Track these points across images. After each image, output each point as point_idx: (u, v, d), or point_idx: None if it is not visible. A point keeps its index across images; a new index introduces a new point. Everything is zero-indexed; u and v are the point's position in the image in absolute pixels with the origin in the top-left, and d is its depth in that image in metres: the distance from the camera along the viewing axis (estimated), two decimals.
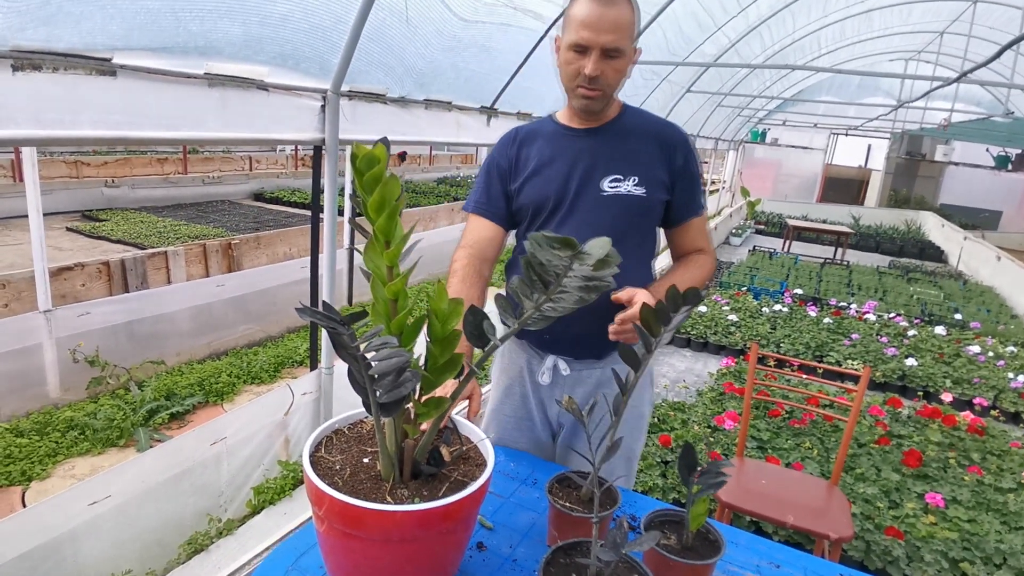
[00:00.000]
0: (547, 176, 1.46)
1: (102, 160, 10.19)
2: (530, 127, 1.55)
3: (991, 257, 8.82)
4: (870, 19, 7.73)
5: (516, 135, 1.54)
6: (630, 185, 1.43)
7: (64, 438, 3.25)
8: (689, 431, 3.31)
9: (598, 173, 1.44)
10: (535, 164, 1.48)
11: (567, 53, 1.35)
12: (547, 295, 0.80)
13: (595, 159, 1.45)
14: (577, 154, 1.46)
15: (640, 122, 1.50)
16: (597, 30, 1.29)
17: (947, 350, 5.23)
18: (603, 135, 1.47)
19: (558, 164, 1.46)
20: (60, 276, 4.60)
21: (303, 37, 2.15)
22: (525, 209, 1.49)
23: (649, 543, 0.87)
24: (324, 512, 0.93)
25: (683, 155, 1.48)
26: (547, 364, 1.53)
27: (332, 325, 0.80)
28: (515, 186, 1.50)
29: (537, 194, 1.46)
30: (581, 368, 1.53)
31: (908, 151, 16.10)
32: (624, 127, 1.48)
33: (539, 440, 1.61)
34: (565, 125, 1.51)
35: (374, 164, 0.83)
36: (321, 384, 2.80)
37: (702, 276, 1.51)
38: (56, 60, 1.55)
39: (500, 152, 1.54)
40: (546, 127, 1.53)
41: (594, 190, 1.44)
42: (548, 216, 1.46)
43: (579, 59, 1.34)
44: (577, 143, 1.47)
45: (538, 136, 1.52)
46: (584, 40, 1.31)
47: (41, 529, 1.88)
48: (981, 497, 2.91)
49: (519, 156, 1.51)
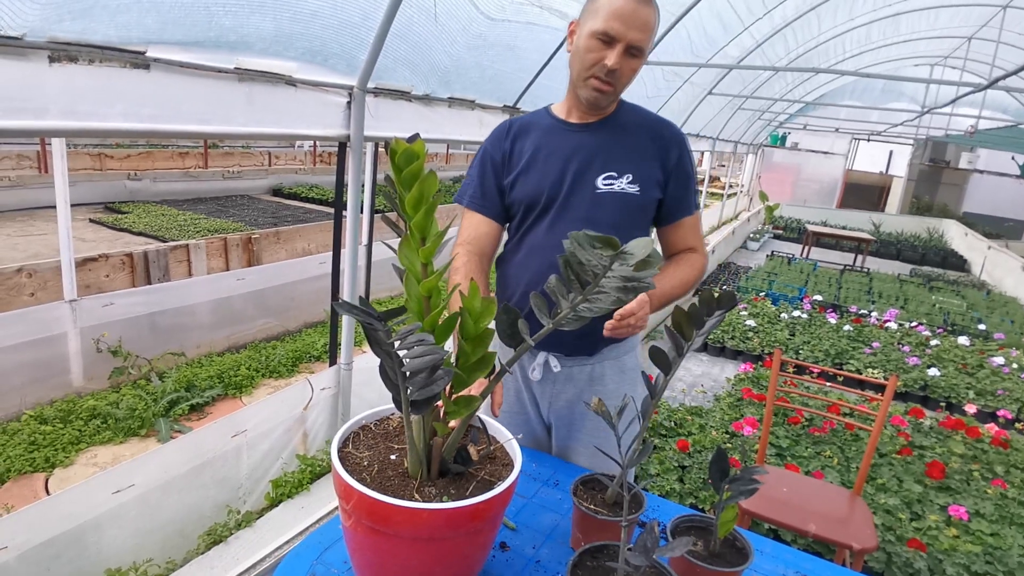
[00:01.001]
0: (541, 172, 1.44)
1: (125, 153, 10.34)
2: (524, 119, 1.52)
3: (1016, 267, 8.67)
4: (897, 23, 7.62)
5: (510, 127, 1.51)
6: (624, 183, 1.42)
7: (87, 426, 3.30)
8: (707, 436, 3.28)
9: (593, 170, 1.42)
10: (529, 158, 1.46)
11: (589, 40, 1.32)
12: (584, 295, 0.80)
13: (590, 155, 1.43)
14: (573, 150, 1.44)
15: (636, 119, 1.48)
16: (629, 24, 1.28)
17: (970, 361, 5.14)
18: (599, 131, 1.45)
19: (553, 160, 1.44)
20: (85, 267, 4.67)
21: (332, 33, 2.16)
22: (518, 204, 1.47)
23: (681, 549, 0.85)
24: (352, 508, 0.92)
25: (677, 153, 1.47)
26: (538, 360, 1.51)
27: (368, 320, 0.80)
28: (508, 180, 1.48)
29: (531, 190, 1.44)
30: (572, 364, 1.51)
31: (932, 158, 15.87)
32: (620, 123, 1.47)
33: (535, 434, 1.60)
34: (561, 119, 1.48)
35: (413, 160, 0.83)
36: (340, 380, 2.81)
37: (693, 276, 1.50)
38: (92, 52, 1.57)
39: (493, 145, 1.51)
40: (542, 120, 1.50)
41: (588, 187, 1.42)
42: (541, 212, 1.44)
43: (602, 49, 1.31)
44: (573, 138, 1.45)
45: (533, 129, 1.49)
46: (614, 31, 1.28)
47: (66, 516, 1.91)
48: (1005, 511, 2.85)
49: (513, 149, 1.48)
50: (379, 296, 6.06)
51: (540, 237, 1.44)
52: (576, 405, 1.53)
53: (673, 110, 6.05)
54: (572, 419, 1.55)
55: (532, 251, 1.45)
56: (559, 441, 1.59)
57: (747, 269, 8.66)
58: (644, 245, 0.71)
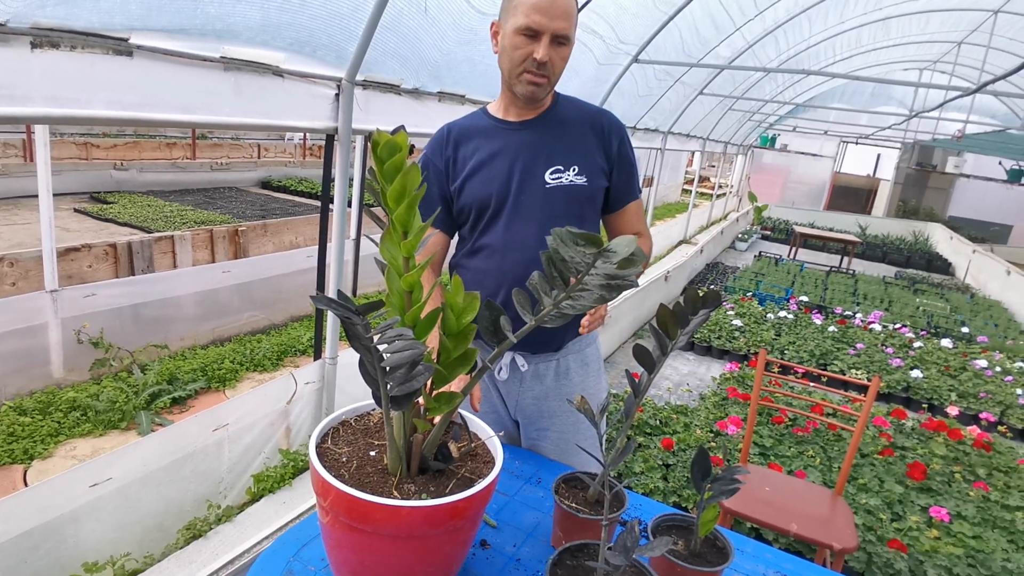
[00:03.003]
0: (488, 174, 1.43)
1: (111, 143, 10.20)
2: (462, 123, 1.51)
3: (1000, 271, 8.77)
4: (887, 27, 7.67)
5: (449, 133, 1.50)
6: (571, 175, 1.43)
7: (66, 418, 3.26)
8: (691, 435, 3.29)
9: (539, 165, 1.43)
10: (474, 163, 1.45)
11: (515, 38, 1.33)
12: (567, 292, 0.79)
13: (535, 152, 1.43)
14: (517, 148, 1.44)
15: (574, 111, 1.49)
16: (550, 15, 1.29)
17: (953, 363, 5.20)
18: (540, 126, 1.45)
19: (499, 160, 1.43)
20: (67, 257, 4.60)
21: (320, 24, 2.13)
22: (467, 209, 1.46)
23: (661, 549, 0.85)
24: (329, 504, 0.91)
25: (618, 141, 1.48)
26: (504, 360, 1.52)
27: (347, 315, 0.79)
28: (455, 186, 1.46)
29: (479, 192, 1.43)
30: (539, 362, 1.51)
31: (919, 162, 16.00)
32: (559, 116, 1.47)
33: (508, 432, 1.61)
34: (500, 119, 1.48)
35: (395, 152, 0.81)
36: (325, 374, 2.79)
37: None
38: (74, 38, 1.54)
39: (434, 152, 1.50)
40: (479, 122, 1.50)
41: (538, 183, 1.42)
42: (494, 214, 1.44)
43: (529, 44, 1.32)
44: (515, 136, 1.45)
45: (473, 133, 1.48)
46: (536, 24, 1.29)
47: (43, 508, 1.88)
48: (987, 514, 2.88)
49: (456, 156, 1.47)
50: (367, 291, 6.03)
51: (498, 238, 1.44)
52: (543, 402, 1.54)
53: (664, 110, 6.06)
54: (540, 416, 1.55)
55: (492, 253, 1.45)
56: (527, 439, 1.59)
57: (735, 269, 8.70)
58: (627, 243, 0.71)
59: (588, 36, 3.75)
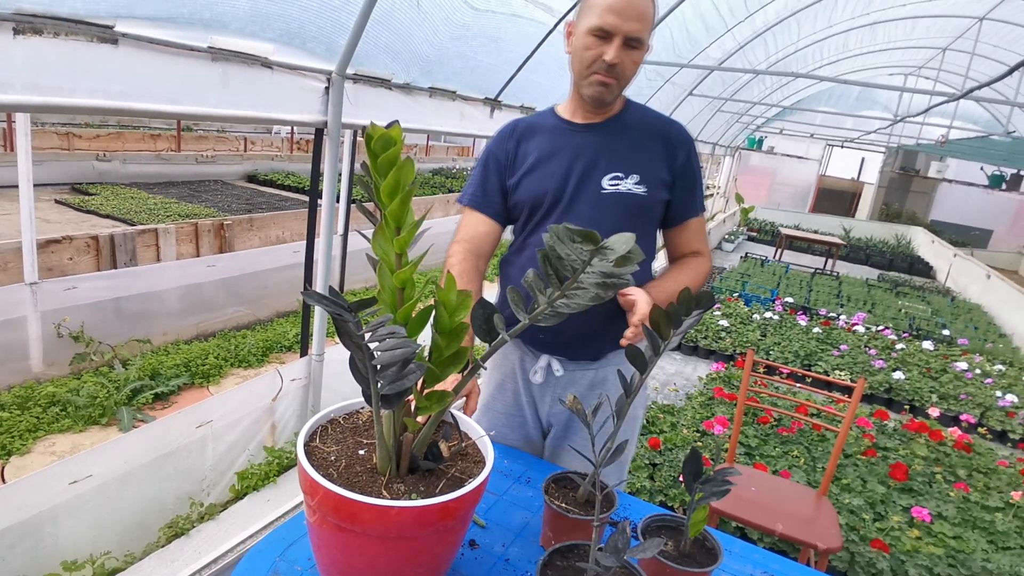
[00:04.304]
0: (545, 172, 1.42)
1: (94, 133, 10.04)
2: (529, 120, 1.51)
3: (980, 275, 8.89)
4: (874, 32, 7.75)
5: (515, 128, 1.50)
6: (630, 183, 1.40)
7: (45, 414, 3.20)
8: (678, 434, 3.30)
9: (598, 170, 1.40)
10: (533, 159, 1.44)
11: (586, 38, 1.31)
12: (562, 291, 0.78)
13: (596, 156, 1.41)
14: (578, 150, 1.42)
15: (643, 118, 1.47)
16: (624, 16, 1.26)
17: (935, 365, 5.27)
18: (605, 130, 1.43)
19: (557, 160, 1.42)
20: (47, 249, 4.52)
21: (311, 16, 2.11)
22: (522, 205, 1.45)
23: (652, 550, 0.84)
24: (317, 504, 0.90)
25: (685, 153, 1.45)
26: (540, 363, 1.50)
27: (338, 311, 0.77)
28: (512, 181, 1.46)
29: (534, 190, 1.43)
30: (575, 369, 1.50)
31: (902, 166, 16.21)
32: (627, 123, 1.45)
33: (529, 437, 1.59)
34: (566, 120, 1.46)
35: (389, 146, 0.80)
36: (311, 371, 2.76)
37: (697, 279, 1.48)
38: (58, 25, 1.51)
39: (498, 145, 1.50)
40: (546, 121, 1.49)
41: (594, 188, 1.40)
42: (545, 213, 1.43)
43: (600, 45, 1.30)
44: (578, 138, 1.43)
45: (537, 130, 1.47)
46: (609, 25, 1.27)
47: (21, 506, 1.84)
48: (968, 514, 2.92)
49: (517, 151, 1.47)
50: (355, 287, 5.99)
51: None
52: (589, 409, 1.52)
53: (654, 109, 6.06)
54: (570, 422, 1.54)
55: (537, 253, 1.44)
56: (553, 441, 1.58)
57: (722, 270, 8.75)
58: (625, 241, 0.70)
59: None
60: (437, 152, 19.41)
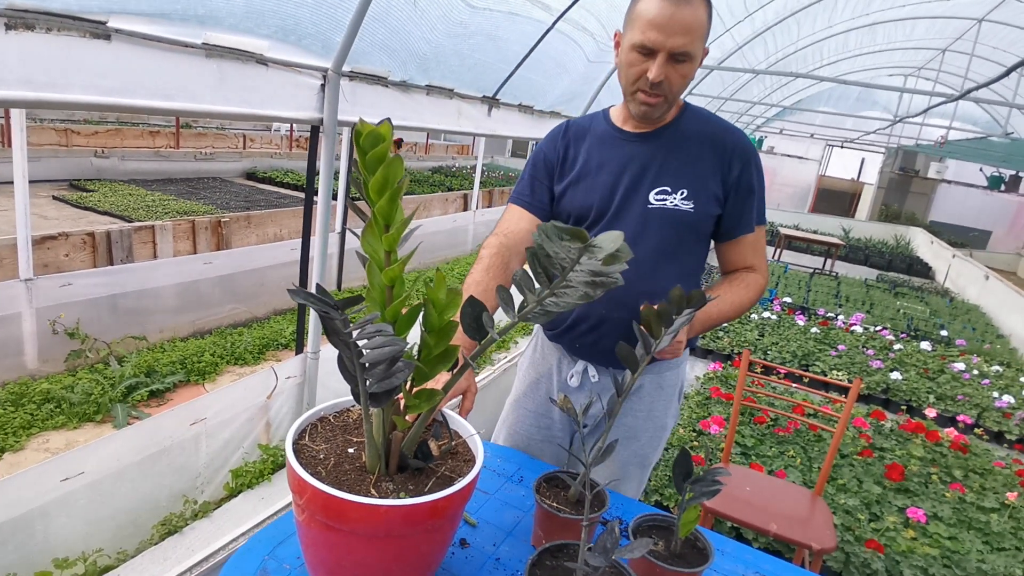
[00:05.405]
0: (592, 184, 1.39)
1: (92, 129, 10.02)
2: (581, 123, 1.48)
3: (979, 276, 8.90)
4: (874, 32, 7.75)
5: (566, 129, 1.47)
6: (678, 199, 1.34)
7: (40, 410, 3.19)
8: (674, 434, 3.30)
9: (646, 184, 1.36)
10: (581, 168, 1.41)
11: (630, 54, 1.25)
12: (551, 289, 0.77)
13: (644, 168, 1.36)
14: (626, 161, 1.37)
15: (698, 126, 1.38)
16: (667, 32, 1.19)
17: (932, 366, 5.27)
18: (657, 141, 1.37)
19: (605, 172, 1.38)
20: (43, 245, 4.51)
21: (306, 12, 2.10)
22: (566, 216, 1.42)
23: (641, 550, 0.84)
24: (305, 502, 0.89)
25: (740, 165, 1.36)
26: (577, 368, 1.51)
27: (325, 309, 0.77)
28: (560, 187, 1.43)
29: (581, 203, 1.40)
30: (611, 376, 1.50)
31: (902, 167, 16.22)
32: (681, 132, 1.38)
33: (554, 439, 1.60)
34: (618, 127, 1.42)
35: (378, 142, 0.79)
36: (306, 369, 2.75)
37: (748, 297, 1.41)
38: (50, 20, 1.50)
39: (549, 145, 1.47)
40: (597, 126, 1.44)
41: (640, 202, 1.36)
42: (589, 226, 1.40)
43: (643, 61, 1.24)
44: (628, 148, 1.38)
45: (588, 135, 1.44)
46: (651, 42, 1.20)
47: (13, 502, 1.83)
48: (963, 515, 2.92)
49: (567, 153, 1.44)
50: (352, 285, 5.98)
51: None
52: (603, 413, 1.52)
53: None
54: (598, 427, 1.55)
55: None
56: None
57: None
58: (614, 239, 0.69)
59: (579, 33, 3.74)
60: (436, 150, 19.39)
